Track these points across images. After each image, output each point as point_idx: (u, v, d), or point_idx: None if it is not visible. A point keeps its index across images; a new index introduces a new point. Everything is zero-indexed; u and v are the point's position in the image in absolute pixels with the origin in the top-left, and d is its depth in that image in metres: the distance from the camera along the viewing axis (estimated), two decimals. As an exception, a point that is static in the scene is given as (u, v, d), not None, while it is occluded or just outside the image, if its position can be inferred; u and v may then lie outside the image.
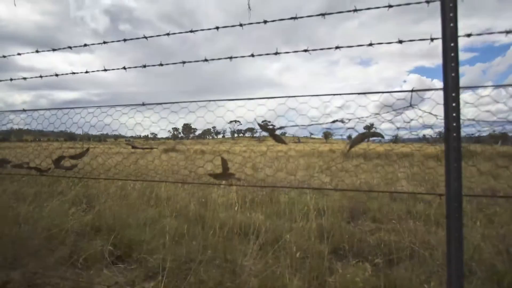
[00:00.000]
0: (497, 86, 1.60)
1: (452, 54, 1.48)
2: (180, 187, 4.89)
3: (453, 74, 1.50)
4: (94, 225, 3.52)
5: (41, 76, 2.18)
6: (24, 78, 2.25)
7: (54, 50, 2.09)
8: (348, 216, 4.08)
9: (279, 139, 1.73)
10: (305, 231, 3.18)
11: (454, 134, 1.58)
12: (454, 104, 1.55)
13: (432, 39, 1.52)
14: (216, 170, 2.28)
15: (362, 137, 1.69)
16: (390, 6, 1.51)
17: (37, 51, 2.14)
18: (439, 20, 1.47)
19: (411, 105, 1.63)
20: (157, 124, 2.07)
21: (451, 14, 1.44)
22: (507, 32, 1.47)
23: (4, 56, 2.24)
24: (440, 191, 1.85)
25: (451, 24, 1.45)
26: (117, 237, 3.01)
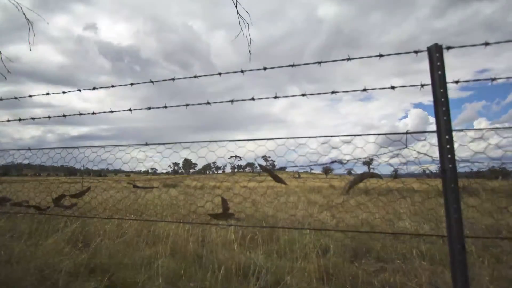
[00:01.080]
0: (489, 129, 1.66)
1: (442, 99, 1.56)
2: (180, 226, 4.80)
3: (445, 118, 1.57)
4: (88, 265, 3.40)
5: (49, 117, 2.26)
6: (33, 119, 2.33)
7: (64, 92, 2.19)
8: (351, 256, 3.96)
9: (279, 180, 1.75)
10: (306, 272, 3.08)
11: (451, 176, 1.61)
12: (448, 146, 1.60)
13: (422, 85, 1.61)
14: (216, 209, 2.27)
15: (361, 178, 1.71)
16: (381, 56, 1.63)
17: (47, 94, 2.24)
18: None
19: (406, 147, 1.68)
20: (159, 163, 2.10)
21: (438, 63, 1.54)
22: (492, 79, 1.57)
23: (15, 98, 2.34)
24: (444, 228, 1.83)
25: (439, 72, 1.55)
26: (111, 279, 2.90)
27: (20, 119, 2.40)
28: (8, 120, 2.44)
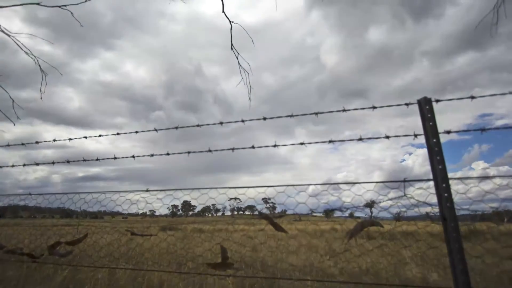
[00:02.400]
0: (484, 178, 1.69)
1: (436, 149, 1.62)
2: (176, 275, 4.58)
3: (440, 167, 1.61)
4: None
5: (53, 163, 2.31)
6: (37, 164, 2.37)
7: (70, 139, 2.27)
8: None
9: (279, 228, 1.74)
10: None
11: (452, 224, 1.60)
12: (446, 195, 1.61)
13: (415, 135, 1.68)
14: (215, 258, 2.21)
15: (361, 227, 1.70)
16: (374, 108, 1.72)
17: (54, 140, 2.31)
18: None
19: (405, 195, 1.69)
20: (158, 210, 2.09)
21: (429, 115, 1.63)
22: (482, 130, 1.64)
23: (22, 144, 2.41)
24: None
25: (430, 123, 1.62)
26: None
27: (24, 165, 2.44)
28: (13, 166, 2.48)
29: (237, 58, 3.75)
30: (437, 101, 1.64)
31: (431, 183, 1.66)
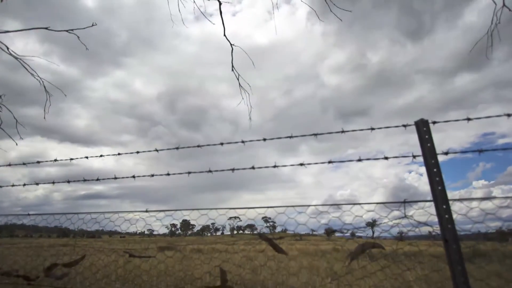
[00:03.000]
0: (483, 199, 1.69)
1: (435, 170, 1.63)
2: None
3: (439, 188, 1.62)
4: None
5: (53, 182, 2.31)
6: (37, 184, 2.38)
7: (71, 159, 2.29)
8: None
9: (280, 250, 1.72)
10: None
11: (454, 246, 1.58)
12: (447, 216, 1.61)
13: (414, 156, 1.69)
14: (214, 281, 2.17)
15: (362, 249, 1.69)
16: (372, 129, 1.75)
17: (55, 160, 2.33)
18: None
19: (405, 216, 1.69)
20: (157, 230, 2.08)
21: (426, 136, 1.65)
22: (480, 151, 1.65)
23: (24, 163, 2.42)
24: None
25: (428, 144, 1.64)
26: None
27: (24, 184, 2.44)
28: (13, 185, 2.49)
29: (238, 79, 3.84)
30: (434, 122, 1.67)
31: (432, 203, 1.66)
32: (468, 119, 1.67)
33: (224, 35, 3.55)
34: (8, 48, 2.75)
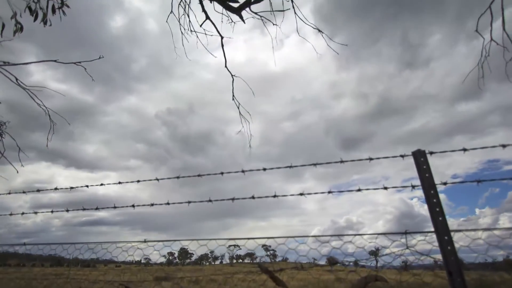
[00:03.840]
0: (486, 229, 1.68)
1: (434, 200, 1.63)
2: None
3: (440, 219, 1.61)
4: None
5: (52, 211, 2.30)
6: (35, 213, 2.36)
7: (71, 188, 2.29)
8: None
9: (280, 282, 1.68)
10: None
11: (458, 280, 1.55)
12: (449, 247, 1.59)
13: (413, 186, 1.70)
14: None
15: (365, 282, 1.65)
16: (370, 159, 1.77)
17: (55, 188, 2.34)
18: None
19: (407, 247, 1.66)
20: (156, 261, 2.04)
21: (424, 167, 1.67)
22: (478, 181, 1.67)
23: (23, 192, 2.42)
24: None
25: (427, 175, 1.66)
26: None
27: (22, 213, 2.42)
28: (11, 214, 2.47)
29: (238, 108, 3.93)
30: (431, 153, 1.70)
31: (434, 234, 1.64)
32: (464, 150, 1.70)
33: (226, 66, 3.69)
34: (17, 79, 2.85)
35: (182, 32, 3.56)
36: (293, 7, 3.26)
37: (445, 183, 1.70)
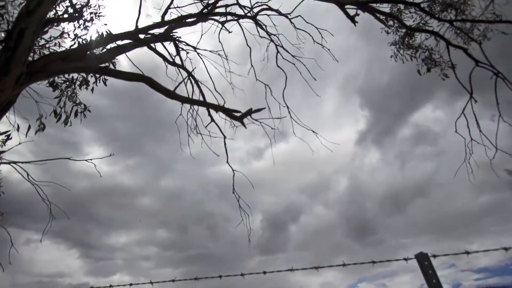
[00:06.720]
0: None
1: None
2: None
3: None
4: None
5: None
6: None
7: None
8: None
9: None
10: None
11: None
12: None
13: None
14: None
15: None
16: (373, 262, 1.72)
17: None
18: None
19: None
20: None
21: (430, 272, 1.61)
22: (467, 252, 1.58)
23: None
24: None
25: (434, 281, 1.59)
26: None
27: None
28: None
29: (238, 201, 3.97)
30: (435, 256, 1.66)
31: None
32: (467, 253, 1.67)
33: (227, 162, 3.89)
34: (28, 175, 2.98)
35: (188, 134, 3.90)
36: (289, 113, 3.66)
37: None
